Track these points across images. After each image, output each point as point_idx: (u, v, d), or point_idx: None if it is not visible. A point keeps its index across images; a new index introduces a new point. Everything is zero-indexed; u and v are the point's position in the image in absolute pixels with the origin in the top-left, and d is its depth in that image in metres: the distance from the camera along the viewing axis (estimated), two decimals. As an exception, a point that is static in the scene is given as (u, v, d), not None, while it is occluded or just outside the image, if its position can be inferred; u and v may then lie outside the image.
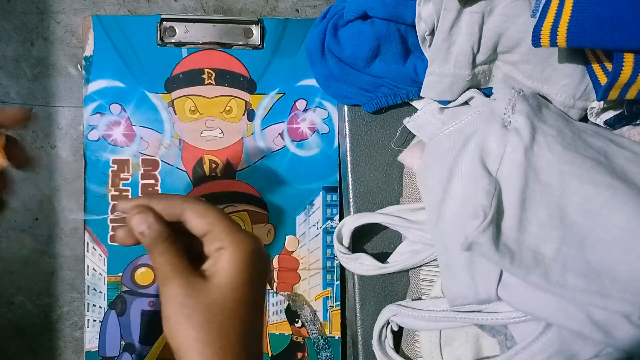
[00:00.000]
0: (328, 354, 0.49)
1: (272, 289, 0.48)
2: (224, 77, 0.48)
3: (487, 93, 0.39)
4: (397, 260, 0.40)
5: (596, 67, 0.35)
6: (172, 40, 0.47)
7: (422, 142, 0.40)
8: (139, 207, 0.29)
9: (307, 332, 0.49)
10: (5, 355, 0.48)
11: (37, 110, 0.47)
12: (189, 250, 0.30)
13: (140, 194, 0.47)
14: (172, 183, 0.48)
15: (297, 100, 0.49)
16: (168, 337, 0.28)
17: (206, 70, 0.48)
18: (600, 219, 0.31)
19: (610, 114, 0.37)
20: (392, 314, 0.39)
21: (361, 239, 0.43)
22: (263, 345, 0.33)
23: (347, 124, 0.44)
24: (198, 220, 0.29)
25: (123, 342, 0.47)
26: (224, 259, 0.28)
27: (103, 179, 0.47)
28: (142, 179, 0.47)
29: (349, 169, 0.44)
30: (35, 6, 0.47)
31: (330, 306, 0.49)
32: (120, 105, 0.47)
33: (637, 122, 0.37)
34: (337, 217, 0.49)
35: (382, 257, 0.41)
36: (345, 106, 0.44)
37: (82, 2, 0.48)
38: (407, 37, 0.39)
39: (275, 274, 0.49)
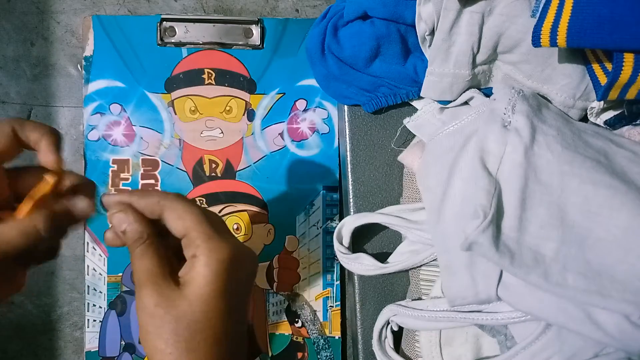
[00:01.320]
0: (328, 354, 0.49)
1: (272, 289, 0.48)
2: (224, 77, 0.48)
3: (487, 93, 0.39)
4: (397, 260, 0.40)
5: (596, 67, 0.35)
6: (172, 40, 0.47)
7: (422, 142, 0.40)
8: (120, 204, 0.28)
9: (307, 332, 0.49)
10: (5, 355, 0.48)
11: (37, 110, 0.47)
12: (176, 250, 0.29)
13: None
14: (172, 183, 0.48)
15: (297, 100, 0.49)
16: (142, 344, 0.27)
17: (206, 70, 0.48)
18: (600, 219, 0.31)
19: (610, 114, 0.37)
20: (392, 314, 0.39)
21: (361, 239, 0.43)
22: (264, 347, 0.32)
23: (347, 124, 0.44)
24: (175, 221, 0.28)
25: (123, 342, 0.47)
26: (196, 268, 0.27)
27: (103, 179, 0.47)
28: (142, 179, 0.47)
29: (349, 169, 0.44)
30: (35, 6, 0.47)
31: (330, 306, 0.49)
32: (120, 105, 0.47)
33: (637, 122, 0.37)
34: (337, 217, 0.49)
35: (382, 257, 0.41)
36: (345, 106, 0.44)
37: (82, 2, 0.48)
38: (407, 37, 0.39)
39: (275, 274, 0.49)
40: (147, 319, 0.26)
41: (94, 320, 0.47)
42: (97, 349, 0.47)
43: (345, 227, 0.41)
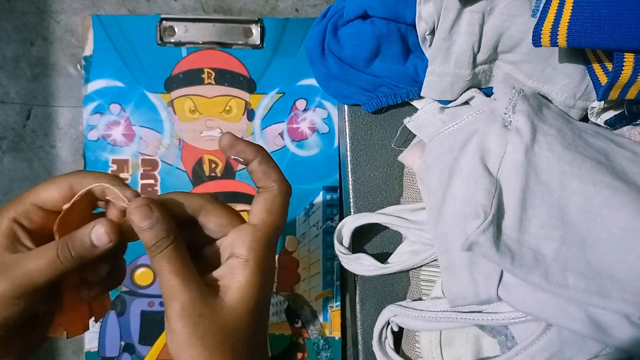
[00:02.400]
0: (328, 354, 0.49)
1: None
2: (224, 77, 0.48)
3: (488, 93, 0.39)
4: (398, 261, 0.40)
5: (597, 67, 0.35)
6: (172, 40, 0.47)
7: (423, 142, 0.40)
8: (144, 199, 0.26)
9: (307, 333, 0.49)
10: (5, 355, 0.48)
11: (36, 110, 0.47)
12: (189, 242, 0.28)
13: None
14: (172, 183, 0.48)
15: (297, 100, 0.49)
16: (173, 352, 0.26)
17: (206, 70, 0.48)
18: (601, 219, 0.31)
19: (610, 113, 0.37)
20: (392, 314, 0.39)
21: (361, 239, 0.43)
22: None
23: (347, 123, 0.44)
24: (214, 224, 0.27)
25: (123, 343, 0.47)
26: (241, 276, 0.26)
27: (103, 179, 0.47)
28: (141, 178, 0.47)
29: (349, 169, 0.43)
30: (35, 6, 0.47)
31: (330, 306, 0.49)
32: (119, 105, 0.47)
33: (638, 122, 0.37)
34: (337, 217, 0.49)
35: (382, 258, 0.41)
36: (345, 106, 0.44)
37: (82, 1, 0.48)
38: (407, 36, 0.39)
39: (275, 274, 0.49)
40: (188, 328, 0.25)
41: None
42: (97, 349, 0.47)
43: (346, 227, 0.41)
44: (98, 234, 0.26)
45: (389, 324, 0.40)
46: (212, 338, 0.25)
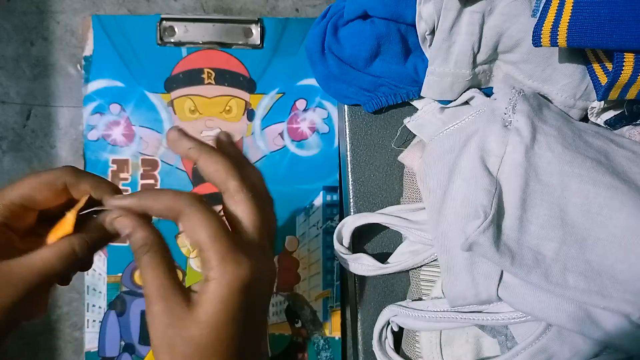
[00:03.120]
0: (328, 354, 0.49)
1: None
2: (224, 77, 0.48)
3: (488, 93, 0.39)
4: (398, 261, 0.40)
5: (597, 67, 0.35)
6: (172, 40, 0.47)
7: (423, 142, 0.40)
8: (123, 208, 0.26)
9: (307, 333, 0.49)
10: (5, 355, 0.48)
11: (36, 110, 0.47)
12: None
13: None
14: (172, 183, 0.48)
15: (297, 100, 0.49)
16: (152, 351, 0.26)
17: (206, 70, 0.48)
18: (601, 219, 0.31)
19: (610, 113, 0.37)
20: (392, 314, 0.39)
21: (361, 239, 0.43)
22: (264, 347, 0.31)
23: (347, 123, 0.44)
24: (190, 232, 0.26)
25: (123, 343, 0.47)
26: (209, 292, 0.25)
27: (103, 179, 0.47)
28: (141, 179, 0.47)
29: (349, 169, 0.43)
30: (35, 6, 0.47)
31: (330, 306, 0.49)
32: (119, 105, 0.47)
33: (638, 122, 0.37)
34: (337, 217, 0.49)
35: (382, 258, 0.41)
36: (345, 106, 0.44)
37: (82, 1, 0.48)
38: (407, 36, 0.39)
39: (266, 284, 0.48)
40: (159, 338, 0.25)
41: (94, 321, 0.47)
42: (97, 349, 0.47)
43: (346, 227, 0.41)
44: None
45: (389, 324, 0.40)
46: (181, 348, 0.25)
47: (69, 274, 0.30)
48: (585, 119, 0.38)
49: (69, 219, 0.27)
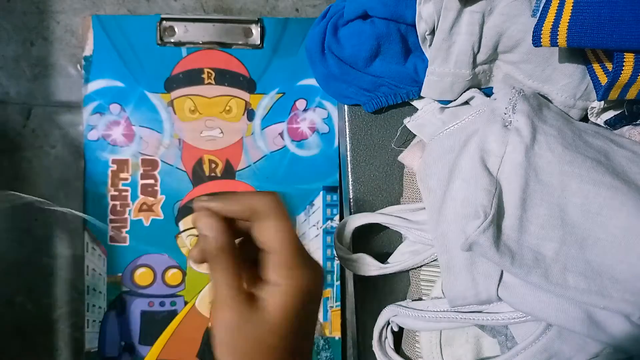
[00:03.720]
0: (328, 354, 0.49)
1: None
2: (224, 77, 0.48)
3: (488, 93, 0.39)
4: (398, 261, 0.40)
5: (597, 67, 0.35)
6: (172, 40, 0.47)
7: (423, 142, 0.40)
8: (209, 210, 0.28)
9: (307, 332, 0.49)
10: (5, 355, 0.48)
11: (36, 110, 0.47)
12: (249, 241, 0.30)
13: (139, 194, 0.47)
14: (172, 183, 0.48)
15: (297, 100, 0.49)
16: (218, 355, 0.28)
17: (206, 70, 0.48)
18: (601, 219, 0.31)
19: (610, 113, 0.37)
20: (392, 314, 0.39)
21: (361, 239, 0.43)
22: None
23: (347, 123, 0.44)
24: (263, 236, 0.28)
25: (123, 343, 0.47)
26: (275, 297, 0.28)
27: (102, 179, 0.47)
28: (141, 178, 0.47)
29: (349, 169, 0.43)
30: (35, 6, 0.47)
31: (331, 306, 0.49)
32: (119, 105, 0.47)
33: (638, 122, 0.37)
34: (337, 217, 0.49)
35: (382, 258, 0.41)
36: (345, 106, 0.44)
37: (82, 1, 0.48)
38: (407, 36, 0.39)
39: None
40: (228, 338, 0.28)
41: (94, 321, 0.47)
42: (97, 349, 0.47)
43: (346, 227, 0.41)
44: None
45: (389, 324, 0.40)
46: (244, 347, 0.27)
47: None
48: (585, 119, 0.38)
49: None
